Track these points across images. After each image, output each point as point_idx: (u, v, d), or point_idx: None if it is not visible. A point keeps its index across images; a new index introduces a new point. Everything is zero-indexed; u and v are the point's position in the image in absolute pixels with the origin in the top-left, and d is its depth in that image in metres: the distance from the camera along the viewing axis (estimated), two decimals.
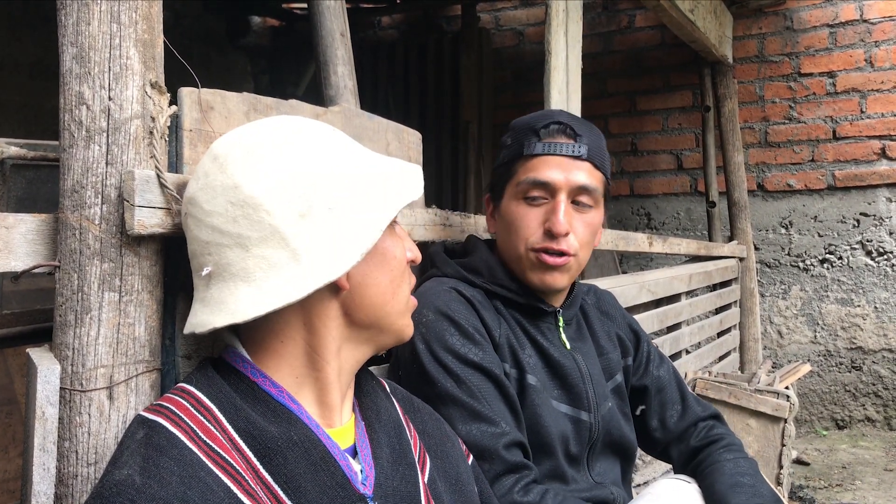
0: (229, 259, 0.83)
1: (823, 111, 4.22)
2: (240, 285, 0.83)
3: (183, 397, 0.82)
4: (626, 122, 4.73)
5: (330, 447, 0.84)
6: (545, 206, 1.30)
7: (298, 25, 5.26)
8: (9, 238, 0.90)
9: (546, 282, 1.31)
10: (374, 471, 0.88)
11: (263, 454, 0.80)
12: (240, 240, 0.82)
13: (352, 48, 1.76)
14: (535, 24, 4.96)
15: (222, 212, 0.83)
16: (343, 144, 0.91)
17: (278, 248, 0.82)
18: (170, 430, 0.77)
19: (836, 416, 4.19)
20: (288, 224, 0.82)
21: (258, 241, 0.82)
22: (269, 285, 0.81)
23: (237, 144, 0.87)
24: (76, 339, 0.92)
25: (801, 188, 4.27)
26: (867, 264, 4.13)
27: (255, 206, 0.82)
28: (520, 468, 1.18)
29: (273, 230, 0.82)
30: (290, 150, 0.86)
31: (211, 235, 0.84)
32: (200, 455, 0.75)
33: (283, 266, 0.81)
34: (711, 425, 1.46)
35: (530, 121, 1.35)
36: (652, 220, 4.68)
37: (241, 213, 0.82)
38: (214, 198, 0.84)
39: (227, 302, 0.82)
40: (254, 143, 0.86)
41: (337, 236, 0.83)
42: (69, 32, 0.94)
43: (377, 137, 1.51)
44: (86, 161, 0.93)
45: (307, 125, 0.91)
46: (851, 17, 4.15)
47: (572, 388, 1.33)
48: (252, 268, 0.82)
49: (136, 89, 0.96)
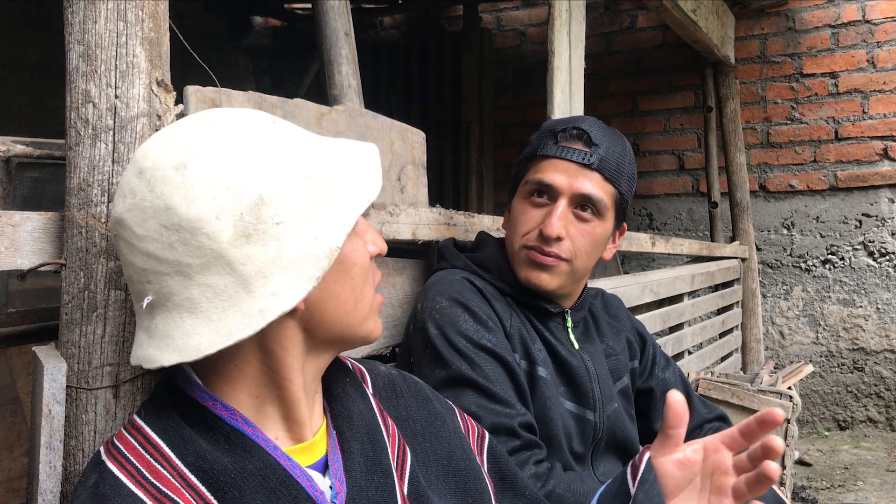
0: (171, 288, 0.75)
1: (825, 112, 4.22)
2: (185, 317, 0.75)
3: (133, 435, 0.78)
4: (627, 122, 4.72)
5: (290, 469, 0.79)
6: (546, 208, 1.31)
7: (300, 26, 5.26)
8: (15, 236, 0.89)
9: (531, 279, 1.31)
10: (346, 485, 0.83)
11: (217, 488, 0.75)
12: (179, 267, 0.74)
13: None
14: (537, 25, 4.96)
15: (157, 237, 0.74)
16: (285, 139, 0.80)
17: (224, 275, 0.73)
18: (116, 476, 0.74)
19: (838, 416, 4.19)
20: (231, 247, 0.73)
21: (200, 268, 0.73)
22: (218, 317, 0.74)
23: (164, 155, 0.76)
24: (82, 338, 0.91)
25: (803, 189, 4.27)
26: (869, 265, 4.13)
27: (193, 230, 0.73)
28: (533, 445, 1.21)
29: (216, 255, 0.73)
30: (224, 157, 0.75)
31: (147, 262, 0.75)
32: (146, 499, 0.73)
33: (232, 295, 0.73)
34: (717, 427, 1.47)
35: (556, 123, 1.36)
36: (654, 221, 4.68)
37: (177, 237, 0.73)
38: (145, 220, 0.75)
39: (174, 336, 0.75)
40: (182, 154, 0.75)
41: (289, 256, 0.74)
42: (76, 30, 0.93)
43: (381, 136, 1.51)
44: (92, 159, 0.93)
45: (239, 121, 0.80)
46: (854, 18, 4.15)
47: (579, 386, 1.33)
48: (197, 297, 0.74)
49: (142, 87, 0.96)
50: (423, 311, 1.27)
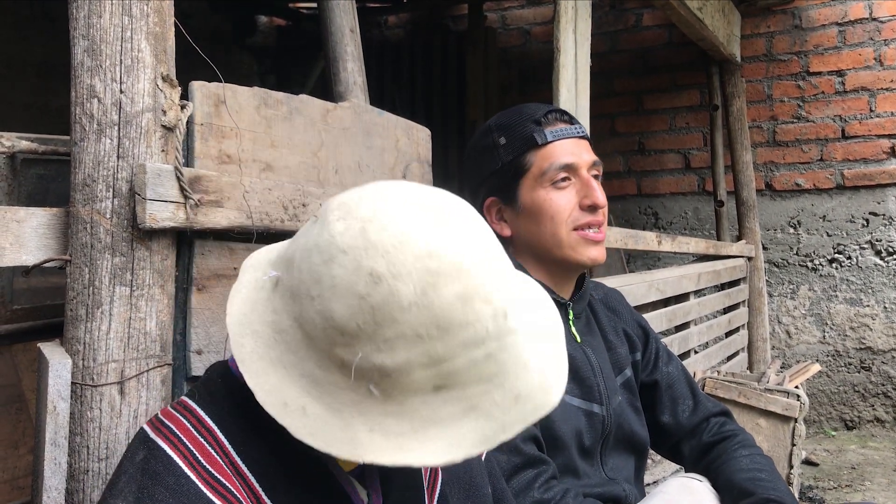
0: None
1: (832, 110, 4.20)
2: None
3: (185, 416, 0.77)
4: (633, 121, 4.71)
5: (337, 473, 0.79)
6: (571, 186, 1.33)
7: (305, 25, 5.25)
8: (20, 232, 0.89)
9: (595, 258, 1.34)
10: (382, 496, 0.83)
11: (267, 482, 0.75)
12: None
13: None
14: (542, 24, 4.95)
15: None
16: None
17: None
18: (168, 454, 0.72)
19: (845, 416, 4.17)
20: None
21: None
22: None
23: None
24: (87, 334, 0.91)
25: (809, 187, 4.25)
26: (876, 264, 4.11)
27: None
28: (538, 462, 1.18)
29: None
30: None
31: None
32: (198, 483, 0.71)
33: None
34: (723, 422, 1.46)
35: (522, 116, 1.37)
36: (659, 220, 4.66)
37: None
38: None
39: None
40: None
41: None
42: (80, 25, 0.93)
43: (387, 134, 1.51)
44: (97, 154, 0.92)
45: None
46: (861, 16, 4.13)
47: (584, 381, 1.32)
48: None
49: (147, 82, 0.95)
50: None
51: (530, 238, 1.36)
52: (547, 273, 1.36)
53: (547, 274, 1.36)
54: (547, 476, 1.17)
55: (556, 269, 1.36)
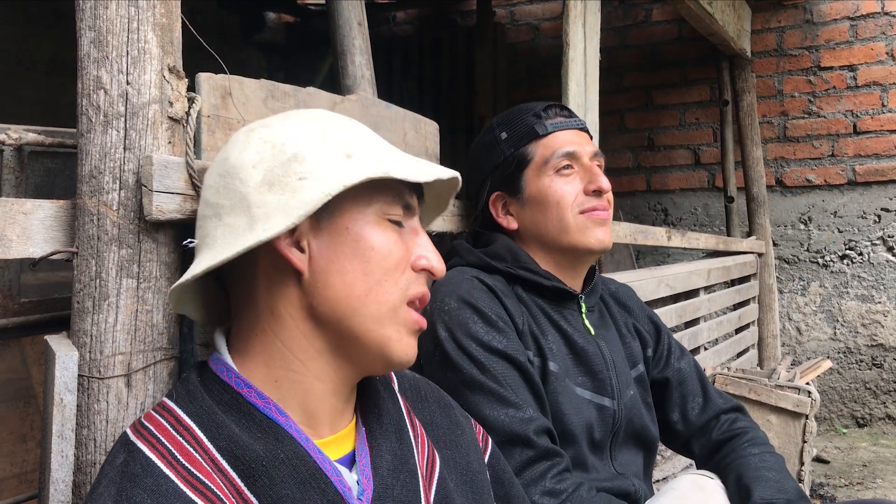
0: (206, 230, 0.83)
1: (844, 105, 4.16)
2: (203, 252, 0.83)
3: (164, 416, 0.77)
4: (642, 116, 4.68)
5: (321, 462, 0.79)
6: (575, 174, 1.34)
7: (313, 21, 5.25)
8: (27, 224, 0.89)
9: (602, 239, 1.33)
10: (373, 482, 0.82)
11: (248, 475, 0.75)
12: (217, 209, 0.82)
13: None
14: (551, 19, 4.93)
15: (212, 184, 0.84)
16: (348, 127, 0.87)
17: (241, 216, 0.79)
18: (146, 455, 0.72)
19: (857, 413, 4.14)
20: (254, 192, 0.79)
21: (229, 210, 0.81)
22: (220, 249, 0.79)
23: (251, 125, 0.87)
24: (94, 326, 0.91)
25: (820, 183, 4.22)
26: (888, 260, 4.07)
27: (233, 174, 0.81)
28: (552, 455, 1.17)
29: (241, 198, 0.80)
30: (283, 125, 0.84)
31: (203, 209, 0.85)
32: (178, 482, 0.71)
33: (239, 234, 0.79)
34: (734, 418, 1.44)
35: (522, 111, 1.40)
36: (669, 216, 4.63)
37: (222, 182, 0.82)
38: (211, 173, 0.86)
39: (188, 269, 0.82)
40: (257, 124, 0.86)
41: (292, 203, 0.77)
42: (87, 16, 0.93)
43: (394, 127, 1.50)
44: (103, 146, 0.92)
45: (316, 110, 0.89)
46: (873, 10, 4.09)
47: (596, 374, 1.31)
48: (218, 237, 0.81)
49: (154, 73, 0.95)
50: (431, 312, 1.24)
51: (537, 227, 1.35)
52: (556, 264, 1.36)
53: (556, 265, 1.36)
54: (560, 468, 1.17)
55: (565, 258, 1.35)
